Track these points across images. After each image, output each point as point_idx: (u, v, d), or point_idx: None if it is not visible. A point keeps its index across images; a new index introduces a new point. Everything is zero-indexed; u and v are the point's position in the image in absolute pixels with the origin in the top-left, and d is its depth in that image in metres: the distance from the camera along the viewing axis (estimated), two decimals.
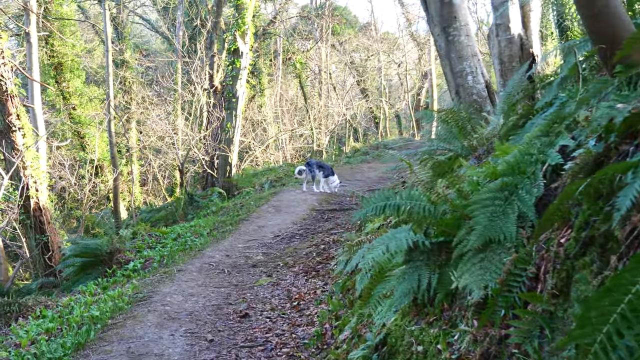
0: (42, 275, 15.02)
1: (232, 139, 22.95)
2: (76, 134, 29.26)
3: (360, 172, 21.97)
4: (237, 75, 22.91)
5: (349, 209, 14.60)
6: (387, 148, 29.54)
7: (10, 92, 15.22)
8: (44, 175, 16.41)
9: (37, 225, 15.42)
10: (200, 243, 12.56)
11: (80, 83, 29.76)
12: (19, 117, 15.42)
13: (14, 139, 15.26)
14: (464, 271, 3.68)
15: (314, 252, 10.77)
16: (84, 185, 24.42)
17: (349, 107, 37.81)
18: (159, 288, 9.14)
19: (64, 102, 29.14)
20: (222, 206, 18.12)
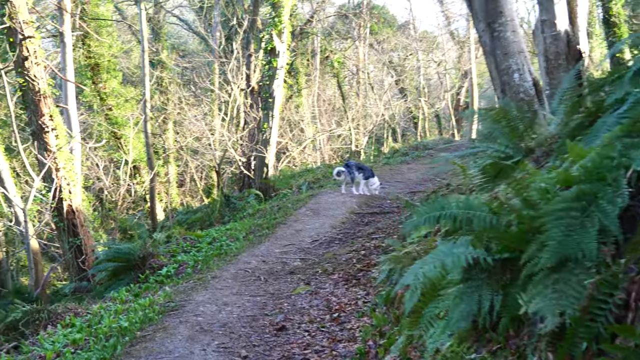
0: (75, 279, 14.75)
1: (269, 139, 22.52)
2: (113, 135, 29.13)
3: (400, 174, 21.40)
4: (274, 75, 22.50)
5: (390, 212, 14.08)
6: (427, 148, 29.00)
7: (43, 92, 14.98)
8: (77, 177, 16.16)
9: (70, 227, 15.16)
10: (235, 247, 12.11)
11: (116, 84, 29.64)
12: (52, 118, 15.17)
13: (47, 140, 15.01)
14: (535, 294, 3.16)
15: (354, 258, 10.27)
16: (121, 186, 24.20)
17: (388, 107, 37.24)
18: (192, 296, 8.72)
19: (100, 103, 29.03)
20: (258, 208, 17.70)
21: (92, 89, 28.80)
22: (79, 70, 28.74)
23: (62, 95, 19.12)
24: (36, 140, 15.09)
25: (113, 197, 25.67)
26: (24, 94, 15.34)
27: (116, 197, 22.90)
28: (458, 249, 3.71)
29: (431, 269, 3.82)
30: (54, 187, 14.62)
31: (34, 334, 9.00)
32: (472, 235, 3.81)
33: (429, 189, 17.04)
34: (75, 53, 27.57)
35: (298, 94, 35.04)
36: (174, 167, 32.12)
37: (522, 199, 3.66)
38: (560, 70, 10.03)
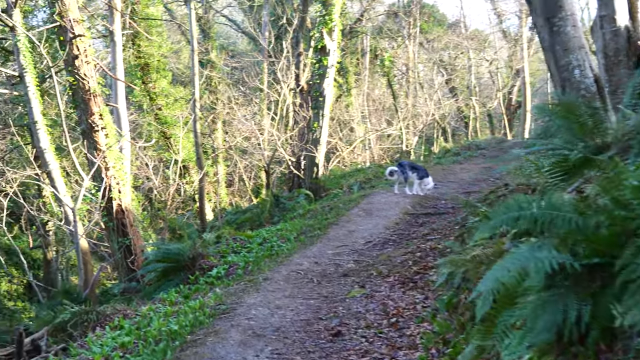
0: (124, 280, 14.64)
1: (319, 139, 22.23)
2: (162, 135, 29.18)
3: (453, 174, 20.94)
4: (324, 74, 22.21)
5: (445, 213, 13.66)
6: (480, 148, 28.52)
7: (93, 91, 14.92)
8: (127, 176, 16.07)
9: (120, 227, 15.07)
10: (287, 248, 11.84)
11: (166, 83, 29.70)
12: (101, 116, 15.10)
13: (96, 139, 14.95)
14: (632, 304, 2.81)
15: (409, 260, 9.90)
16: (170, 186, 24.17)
17: (438, 106, 36.69)
18: (244, 299, 8.46)
19: (150, 102, 29.10)
20: (309, 209, 17.41)
21: (142, 89, 28.90)
22: (129, 70, 28.85)
23: (112, 94, 19.10)
24: (86, 140, 15.04)
25: (162, 197, 25.62)
26: (74, 93, 15.31)
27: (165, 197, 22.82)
28: (540, 253, 3.35)
29: (506, 274, 3.48)
30: (103, 186, 14.54)
31: (83, 336, 8.86)
32: (555, 238, 3.45)
33: (483, 189, 16.61)
34: (125, 53, 27.67)
35: (347, 93, 34.77)
36: (223, 166, 32.08)
37: (613, 198, 3.30)
38: (621, 67, 9.59)
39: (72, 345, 8.13)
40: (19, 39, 17.66)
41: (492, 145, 29.78)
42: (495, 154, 26.85)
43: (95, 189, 14.78)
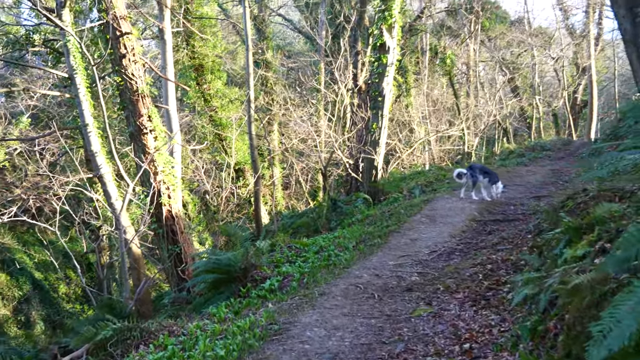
0: (174, 289, 13.97)
1: (378, 140, 21.33)
2: (217, 137, 28.67)
3: (519, 176, 19.88)
4: (383, 72, 21.29)
5: (515, 220, 12.66)
6: (545, 149, 27.57)
7: (142, 91, 14.30)
8: (177, 181, 15.41)
9: (169, 234, 14.42)
10: (345, 259, 11.02)
11: (221, 85, 29.21)
12: (150, 118, 14.48)
13: (145, 142, 14.33)
14: None
15: (479, 273, 8.99)
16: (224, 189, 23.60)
17: (501, 106, 35.49)
18: (298, 317, 7.67)
19: (204, 104, 28.62)
20: (368, 214, 16.54)
21: (196, 90, 28.47)
22: (183, 71, 28.51)
23: (162, 95, 18.52)
24: (134, 143, 14.44)
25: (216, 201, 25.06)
26: (122, 94, 14.74)
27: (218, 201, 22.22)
28: None
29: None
30: (151, 191, 13.91)
31: (125, 355, 8.17)
32: None
33: (553, 193, 15.62)
34: (179, 54, 27.29)
35: (407, 93, 33.85)
36: (279, 169, 31.51)
37: None
38: None
39: None
40: (69, 40, 17.19)
41: (558, 147, 28.86)
42: (561, 156, 25.89)
43: (144, 195, 14.19)
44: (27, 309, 26.83)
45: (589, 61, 37.01)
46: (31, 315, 26.75)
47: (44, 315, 27.36)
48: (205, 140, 28.20)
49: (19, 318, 26.22)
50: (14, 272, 26.88)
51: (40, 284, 28.10)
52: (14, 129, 26.24)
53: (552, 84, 46.79)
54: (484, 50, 40.42)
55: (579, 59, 40.90)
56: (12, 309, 26.35)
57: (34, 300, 27.28)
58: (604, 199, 8.05)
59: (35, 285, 27.56)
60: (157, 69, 18.11)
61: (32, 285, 27.37)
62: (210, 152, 29.63)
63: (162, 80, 18.43)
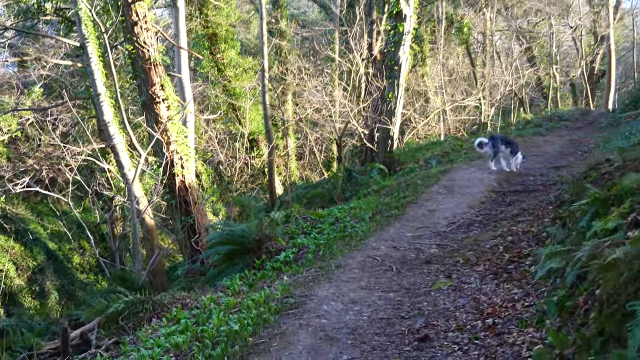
0: (188, 261, 13.76)
1: (394, 110, 20.97)
2: (231, 107, 28.38)
3: (536, 146, 19.53)
4: (399, 41, 20.88)
5: (535, 190, 12.37)
6: (563, 119, 27.18)
7: (154, 60, 14.00)
8: (191, 151, 15.13)
9: (182, 205, 14.18)
10: (361, 230, 10.77)
11: (234, 54, 28.84)
12: (163, 87, 14.18)
13: (157, 112, 14.03)
14: None
15: (500, 245, 8.74)
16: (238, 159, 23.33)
17: (518, 76, 34.96)
18: (314, 290, 7.47)
19: (218, 74, 28.29)
20: (383, 184, 16.25)
21: (210, 60, 28.11)
22: (196, 40, 28.14)
23: (175, 63, 18.20)
24: (146, 112, 14.16)
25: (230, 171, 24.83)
26: (133, 62, 14.43)
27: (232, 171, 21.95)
28: None
29: None
30: (164, 161, 13.67)
31: (137, 328, 7.98)
32: None
33: (573, 163, 15.33)
34: (192, 23, 26.97)
35: (422, 63, 33.38)
36: (293, 139, 31.20)
37: None
38: None
39: (124, 340, 7.24)
40: (80, 8, 16.87)
41: (576, 117, 28.49)
42: (579, 126, 25.54)
43: (157, 165, 13.94)
44: (42, 279, 26.81)
45: (607, 30, 36.37)
46: (45, 285, 26.74)
47: (58, 286, 27.34)
48: (219, 110, 27.90)
49: (34, 288, 26.20)
50: (28, 242, 26.81)
51: (54, 254, 28.05)
52: (26, 99, 25.99)
53: (569, 53, 46.12)
54: (501, 19, 39.76)
55: (597, 28, 40.22)
56: (27, 279, 26.32)
57: (48, 270, 27.24)
58: (630, 169, 7.78)
59: (49, 256, 27.50)
60: (169, 37, 17.76)
61: (46, 256, 27.30)
62: (224, 122, 29.34)
63: (175, 48, 18.08)
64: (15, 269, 25.80)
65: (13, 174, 25.22)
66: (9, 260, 25.42)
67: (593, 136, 20.91)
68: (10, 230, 26.71)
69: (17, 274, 25.93)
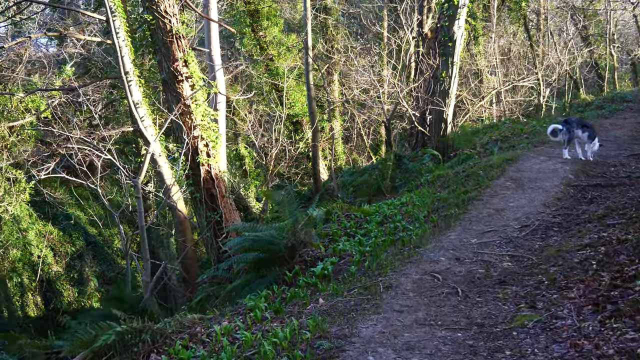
0: (215, 264, 12.12)
1: (448, 90, 19.09)
2: (274, 87, 26.76)
3: (604, 130, 17.56)
4: (454, 15, 18.99)
5: (620, 184, 10.48)
6: (626, 101, 25.16)
7: (176, 32, 12.31)
8: (222, 138, 13.45)
9: (208, 199, 12.53)
10: (415, 234, 8.97)
11: (277, 31, 27.17)
12: (187, 63, 12.49)
13: (180, 91, 12.34)
14: None
15: (591, 260, 6.92)
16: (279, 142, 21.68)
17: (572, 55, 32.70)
18: (356, 326, 5.76)
19: (260, 52, 26.66)
20: (438, 174, 14.40)
21: (251, 38, 26.48)
22: (237, 17, 26.55)
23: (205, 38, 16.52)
24: (166, 91, 12.52)
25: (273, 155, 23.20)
26: (153, 35, 12.75)
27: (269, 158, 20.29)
28: None
29: None
30: (184, 148, 12.02)
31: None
32: None
33: None
34: None
35: (475, 41, 31.35)
36: (339, 122, 29.51)
37: None
38: None
39: None
40: None
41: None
42: None
43: (177, 152, 12.34)
44: (80, 266, 25.89)
45: None
46: (84, 272, 25.80)
47: (98, 272, 26.51)
48: (261, 91, 26.32)
49: (72, 275, 25.34)
50: (67, 227, 25.85)
51: (94, 239, 27.16)
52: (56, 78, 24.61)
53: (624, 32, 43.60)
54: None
55: None
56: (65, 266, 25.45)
57: (87, 256, 26.35)
58: None
59: (88, 241, 26.60)
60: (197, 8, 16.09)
61: (85, 241, 26.38)
62: (266, 103, 27.76)
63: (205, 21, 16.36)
64: (53, 255, 25.02)
65: (42, 157, 24.01)
66: (46, 246, 24.56)
67: None
68: (48, 215, 25.79)
69: (55, 260, 25.10)
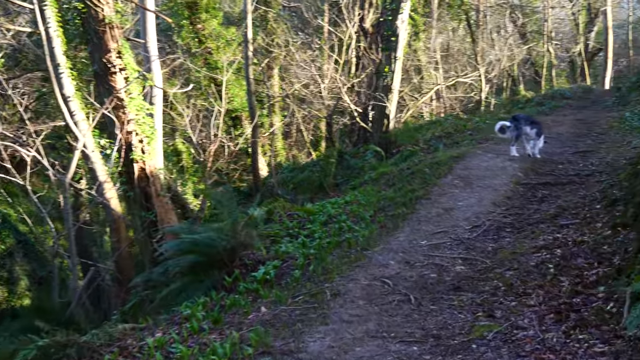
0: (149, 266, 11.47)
1: (391, 85, 18.81)
2: (212, 81, 26.09)
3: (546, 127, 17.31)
4: (397, 9, 18.71)
5: (570, 182, 10.19)
6: (565, 97, 25.54)
7: (109, 21, 11.63)
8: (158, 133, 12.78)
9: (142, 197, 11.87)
10: (362, 235, 8.45)
11: (216, 24, 26.56)
12: (120, 55, 11.81)
13: (113, 84, 11.69)
14: None
15: (548, 263, 6.56)
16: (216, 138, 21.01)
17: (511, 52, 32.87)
18: (303, 339, 5.26)
19: (199, 45, 26.00)
20: (382, 171, 13.96)
21: (190, 30, 25.80)
22: (175, 8, 25.86)
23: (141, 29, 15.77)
24: (99, 84, 11.85)
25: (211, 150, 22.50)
26: (84, 24, 12.03)
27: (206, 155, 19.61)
28: None
29: None
30: (117, 144, 11.36)
31: None
32: None
33: (595, 147, 13.46)
34: None
35: (416, 37, 31.19)
36: (279, 117, 28.99)
37: None
38: None
39: None
40: None
41: (579, 95, 26.96)
42: (584, 105, 23.92)
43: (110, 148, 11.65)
44: (10, 264, 24.88)
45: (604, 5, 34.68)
46: (15, 270, 24.81)
47: (29, 271, 25.46)
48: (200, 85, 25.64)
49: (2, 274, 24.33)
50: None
51: (25, 237, 26.07)
52: None
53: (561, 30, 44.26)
54: None
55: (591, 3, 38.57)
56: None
57: (18, 255, 25.33)
58: None
59: (19, 239, 25.51)
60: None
61: (15, 239, 25.32)
62: (205, 98, 27.06)
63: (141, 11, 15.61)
64: None
65: None
66: None
67: (602, 116, 19.20)
68: None
69: None
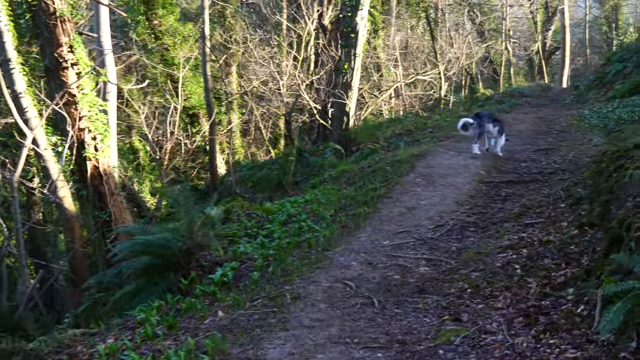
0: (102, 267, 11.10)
1: (350, 83, 18.64)
2: (169, 78, 25.65)
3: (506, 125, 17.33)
4: (357, 6, 18.53)
5: (533, 180, 10.05)
6: (524, 95, 25.84)
7: (60, 14, 11.21)
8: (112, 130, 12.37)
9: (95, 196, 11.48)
10: (323, 235, 8.20)
11: (173, 20, 26.13)
12: (72, 49, 11.40)
13: (64, 79, 11.28)
14: None
15: (514, 263, 6.39)
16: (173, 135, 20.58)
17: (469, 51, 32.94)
18: (263, 346, 4.99)
19: (155, 41, 25.53)
20: (342, 169, 13.73)
21: (146, 26, 25.32)
22: (131, 4, 25.33)
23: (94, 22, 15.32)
24: (50, 79, 11.44)
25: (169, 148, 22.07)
26: (35, 17, 11.59)
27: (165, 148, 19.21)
28: None
29: None
30: (69, 141, 10.97)
31: None
32: None
33: (556, 144, 13.44)
34: None
35: (375, 35, 31.10)
36: (237, 114, 28.65)
37: None
38: None
39: None
40: None
41: (537, 93, 27.38)
42: (542, 103, 24.18)
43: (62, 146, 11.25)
44: None
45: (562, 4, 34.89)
46: None
47: None
48: (156, 82, 25.20)
49: None
50: None
51: None
52: None
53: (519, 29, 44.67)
54: None
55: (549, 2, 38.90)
56: None
57: None
58: None
59: None
60: None
61: None
62: (161, 95, 26.61)
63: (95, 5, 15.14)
64: None
65: None
66: None
67: (561, 114, 19.33)
68: None
69: None
